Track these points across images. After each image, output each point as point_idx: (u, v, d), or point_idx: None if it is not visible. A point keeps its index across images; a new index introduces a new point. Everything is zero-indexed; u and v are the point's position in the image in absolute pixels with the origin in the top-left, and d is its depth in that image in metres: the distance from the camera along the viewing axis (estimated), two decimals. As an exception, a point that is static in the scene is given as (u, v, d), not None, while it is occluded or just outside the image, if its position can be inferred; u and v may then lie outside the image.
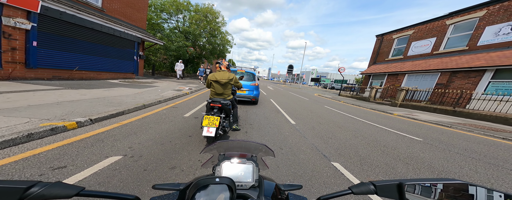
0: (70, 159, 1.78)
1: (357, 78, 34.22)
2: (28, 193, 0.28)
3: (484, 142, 4.00)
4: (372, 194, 0.41)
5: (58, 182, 0.32)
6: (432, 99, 9.67)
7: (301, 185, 0.58)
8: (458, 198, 0.37)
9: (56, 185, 0.31)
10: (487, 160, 2.91)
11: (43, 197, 0.29)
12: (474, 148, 3.52)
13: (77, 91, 4.66)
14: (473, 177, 2.31)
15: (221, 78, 2.63)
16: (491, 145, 3.83)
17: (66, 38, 6.27)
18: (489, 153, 3.25)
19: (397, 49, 13.97)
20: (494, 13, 8.60)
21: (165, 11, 15.73)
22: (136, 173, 1.67)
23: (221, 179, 0.36)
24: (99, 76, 7.84)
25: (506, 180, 2.26)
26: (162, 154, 2.09)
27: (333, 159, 2.44)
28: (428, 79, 10.57)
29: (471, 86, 8.56)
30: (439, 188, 0.39)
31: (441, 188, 0.38)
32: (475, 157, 2.99)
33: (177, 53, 15.38)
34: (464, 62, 8.92)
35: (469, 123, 6.15)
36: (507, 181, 2.25)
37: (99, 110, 3.26)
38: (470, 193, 0.36)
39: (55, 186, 0.31)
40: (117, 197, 0.35)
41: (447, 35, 10.54)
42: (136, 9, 9.86)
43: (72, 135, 2.30)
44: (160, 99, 5.00)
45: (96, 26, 7.12)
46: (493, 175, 2.39)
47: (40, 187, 0.29)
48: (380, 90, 12.78)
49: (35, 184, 0.29)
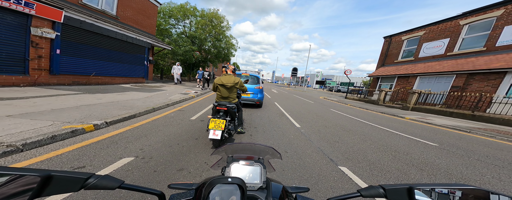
0: (88, 160, 1.91)
1: (364, 81, 33.22)
2: (87, 182, 0.34)
3: (508, 149, 3.72)
4: (382, 197, 0.40)
5: (106, 175, 0.38)
6: (448, 102, 9.17)
7: (308, 188, 0.60)
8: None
9: (105, 177, 0.37)
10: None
11: (96, 187, 0.35)
12: (497, 154, 3.29)
13: (93, 96, 4.97)
14: (496, 185, 2.16)
15: (227, 82, 2.70)
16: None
17: (84, 46, 6.77)
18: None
19: (407, 50, 13.51)
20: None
21: (173, 17, 16.47)
22: (147, 174, 1.75)
23: (233, 179, 0.38)
24: (113, 81, 8.31)
25: None
26: (171, 156, 2.17)
27: (340, 163, 2.40)
28: (442, 82, 10.06)
29: (491, 88, 8.03)
30: (456, 196, 0.36)
31: (459, 196, 0.36)
32: (498, 165, 2.79)
33: (184, 57, 15.91)
34: (482, 63, 8.43)
35: (491, 128, 5.74)
36: None
37: (114, 113, 3.46)
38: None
39: (104, 178, 0.37)
40: (147, 191, 0.41)
41: (461, 36, 10.07)
42: (146, 15, 10.44)
43: (89, 137, 2.47)
44: (168, 102, 5.19)
45: (111, 33, 7.62)
46: None
47: (95, 178, 0.36)
48: (390, 93, 12.33)
49: (91, 175, 0.35)
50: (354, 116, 6.67)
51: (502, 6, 8.50)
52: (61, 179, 0.32)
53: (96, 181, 0.35)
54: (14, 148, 1.83)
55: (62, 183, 0.32)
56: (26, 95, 4.04)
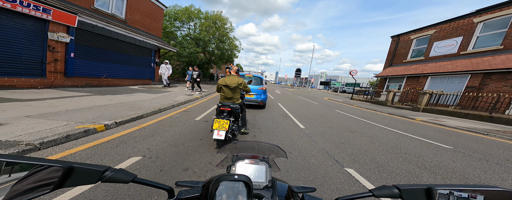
0: (99, 159, 1.98)
1: (371, 81, 32.30)
2: (104, 175, 0.36)
3: None
4: (396, 198, 0.38)
5: (121, 169, 0.39)
6: (462, 103, 8.73)
7: (314, 188, 0.59)
8: None
9: (119, 171, 0.38)
10: None
11: (112, 180, 0.37)
12: None
13: (104, 97, 5.18)
14: None
15: (231, 83, 2.73)
16: None
17: (96, 49, 7.08)
18: None
19: (416, 50, 13.06)
20: (533, 7, 7.68)
21: (178, 19, 16.90)
22: (154, 173, 1.80)
23: (239, 176, 0.38)
24: (122, 83, 8.62)
25: None
26: (176, 156, 2.22)
27: (346, 165, 2.34)
28: (456, 82, 9.62)
29: (510, 89, 7.58)
30: (480, 198, 0.33)
31: (484, 198, 0.33)
32: None
33: (189, 59, 16.23)
34: (499, 62, 7.99)
35: (511, 131, 5.40)
36: None
37: (123, 114, 3.58)
38: None
39: (119, 171, 0.38)
40: (157, 186, 0.42)
41: (475, 34, 9.61)
42: (153, 19, 10.77)
43: (100, 137, 2.57)
44: (173, 103, 5.31)
45: (121, 37, 7.93)
46: None
47: (111, 171, 0.37)
48: (398, 93, 11.92)
49: (108, 168, 0.37)
50: (361, 117, 6.50)
51: (520, 2, 8.05)
52: (82, 171, 0.34)
53: (112, 174, 0.37)
54: (32, 146, 1.94)
55: (82, 175, 0.34)
56: (43, 97, 4.28)
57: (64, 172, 0.32)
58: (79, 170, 0.34)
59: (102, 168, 0.36)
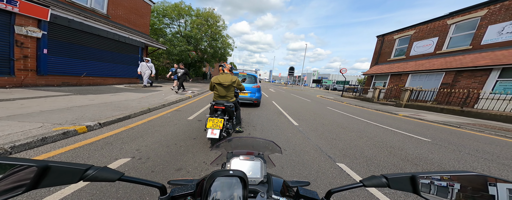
0: (81, 161, 1.84)
1: (359, 79, 33.91)
2: (86, 174, 0.34)
3: (496, 143, 3.90)
4: (385, 186, 0.41)
5: (105, 167, 0.37)
6: (438, 99, 9.51)
7: (308, 182, 0.61)
8: (476, 193, 0.34)
9: (104, 169, 0.36)
10: (500, 161, 2.84)
11: (96, 179, 0.34)
12: (486, 148, 3.44)
13: (85, 97, 4.81)
14: None
15: (224, 81, 2.68)
16: (504, 145, 3.73)
17: (74, 45, 6.52)
18: (502, 154, 3.16)
19: (399, 49, 13.91)
20: (495, 12, 8.54)
21: (167, 16, 16.18)
22: (144, 175, 1.71)
23: (234, 171, 0.38)
24: (105, 82, 8.06)
25: None
26: (168, 156, 2.13)
27: (338, 160, 2.43)
28: (432, 79, 10.43)
29: (478, 85, 8.40)
30: (458, 183, 0.37)
31: (460, 183, 0.36)
32: (487, 158, 2.91)
33: (180, 57, 15.67)
34: (468, 61, 8.81)
35: (479, 123, 6.01)
36: None
37: (107, 114, 3.35)
38: (490, 190, 0.33)
39: (104, 170, 0.36)
40: (148, 183, 0.40)
41: (449, 35, 10.47)
42: (139, 15, 10.19)
43: (82, 139, 2.38)
44: (164, 103, 5.09)
45: (102, 33, 7.38)
46: (509, 176, 2.34)
47: (94, 170, 0.34)
48: (383, 90, 12.65)
49: (90, 167, 0.35)
50: (350, 114, 6.79)
51: (485, 7, 8.91)
52: (59, 170, 0.31)
53: (95, 172, 0.34)
54: (2, 151, 1.74)
55: (60, 174, 0.32)
56: (13, 97, 3.85)
57: (38, 172, 0.30)
58: (56, 169, 0.31)
59: (84, 166, 0.34)
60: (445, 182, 0.37)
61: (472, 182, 0.35)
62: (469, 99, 8.15)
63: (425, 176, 0.39)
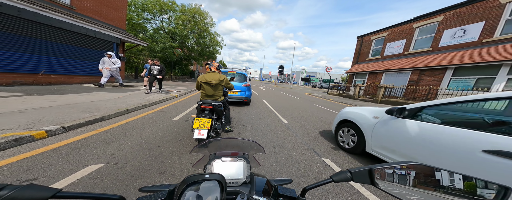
0: (41, 171, 1.57)
1: (343, 77, 36.24)
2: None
3: None
4: (349, 180, 0.44)
5: (30, 184, 0.29)
6: (406, 95, 10.67)
7: (291, 180, 0.61)
8: (426, 182, 0.40)
9: (28, 187, 0.29)
10: None
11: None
12: None
13: (45, 97, 4.16)
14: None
15: (212, 80, 2.57)
16: None
17: (28, 39, 5.57)
18: None
19: (375, 49, 15.16)
20: (450, 18, 9.88)
21: (148, 10, 14.97)
22: (122, 180, 1.54)
23: (211, 175, 0.36)
24: (71, 80, 7.11)
25: None
26: (150, 160, 1.96)
27: (323, 155, 2.52)
28: (402, 77, 11.65)
29: (436, 82, 9.65)
30: (408, 172, 0.42)
31: (410, 173, 0.42)
32: None
33: (163, 54, 14.70)
34: (429, 61, 10.05)
35: (437, 115, 6.89)
36: None
37: (73, 117, 2.94)
38: (437, 178, 0.39)
39: (28, 188, 0.28)
40: (99, 197, 0.33)
41: (414, 37, 11.78)
42: (113, 8, 9.20)
43: (41, 145, 2.04)
44: (145, 103, 4.70)
45: (65, 25, 6.46)
46: None
47: (9, 190, 0.27)
48: (363, 88, 13.68)
49: (4, 187, 0.27)
50: (335, 110, 7.18)
51: (442, 13, 10.24)
52: None
53: (12, 193, 0.27)
54: None
55: None
56: None
57: None
58: None
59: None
60: (398, 172, 0.42)
61: (423, 170, 0.41)
62: (430, 95, 9.32)
63: (379, 168, 0.43)
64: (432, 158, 1.70)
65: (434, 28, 10.64)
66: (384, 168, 0.43)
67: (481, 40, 8.58)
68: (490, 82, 7.86)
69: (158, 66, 6.62)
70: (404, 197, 0.39)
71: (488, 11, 8.39)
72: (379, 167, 0.43)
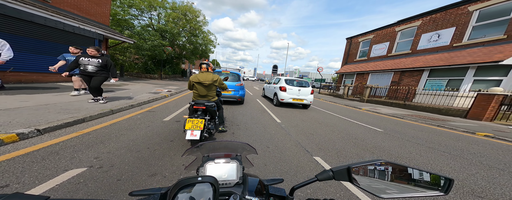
0: (13, 177, 1.41)
1: (333, 77, 37.59)
2: None
3: (425, 130, 4.89)
4: (331, 179, 0.47)
5: (16, 193, 0.28)
6: (389, 94, 11.38)
7: (282, 179, 0.63)
8: (397, 175, 0.44)
9: (13, 196, 0.27)
10: (427, 144, 3.53)
11: None
12: (418, 135, 4.26)
13: (14, 97, 3.75)
14: (418, 160, 2.73)
15: (205, 80, 2.52)
16: (430, 132, 4.71)
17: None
18: (429, 139, 3.97)
19: (362, 51, 15.94)
20: (426, 23, 10.75)
21: (135, 6, 14.16)
22: (108, 184, 1.45)
23: (203, 177, 0.36)
24: (46, 79, 6.50)
25: (440, 160, 2.77)
26: (139, 162, 1.87)
27: (314, 154, 2.59)
28: (385, 78, 12.41)
29: (415, 83, 10.44)
30: (379, 169, 0.45)
31: (381, 168, 0.45)
32: (419, 143, 3.59)
33: (152, 52, 14.04)
34: (409, 63, 10.83)
35: (415, 115, 7.46)
36: (441, 161, 2.76)
37: (49, 118, 2.70)
38: (409, 170, 0.44)
39: (13, 197, 0.27)
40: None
41: (396, 40, 12.62)
42: (94, 2, 8.57)
43: (12, 150, 1.84)
44: (132, 103, 4.45)
45: (38, 19, 5.89)
46: (431, 157, 2.88)
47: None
48: (351, 87, 14.32)
49: None
50: (326, 109, 7.42)
51: (420, 18, 11.10)
52: None
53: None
54: None
55: None
56: None
57: None
58: None
59: None
60: (372, 169, 0.46)
61: (394, 169, 0.45)
62: (410, 95, 10.06)
63: (356, 165, 0.46)
64: (271, 93, 7.96)
65: (413, 32, 11.49)
66: (359, 165, 0.46)
67: (452, 44, 9.45)
68: (459, 83, 8.70)
69: (96, 59, 3.75)
70: (382, 191, 0.43)
71: (458, 17, 9.27)
72: (355, 165, 0.46)
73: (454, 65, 8.44)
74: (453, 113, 7.56)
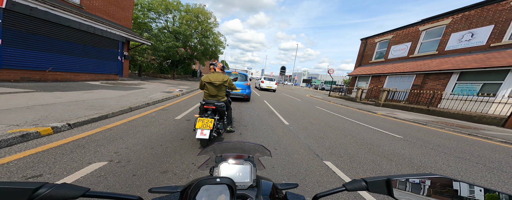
0: (46, 167, 1.60)
1: (345, 80, 36.03)
2: (36, 194, 0.29)
3: (454, 138, 4.43)
4: (364, 190, 0.43)
5: (63, 183, 0.33)
6: (410, 99, 10.52)
7: (297, 184, 0.61)
8: (443, 193, 0.39)
9: (62, 186, 0.32)
10: (456, 154, 3.21)
11: (51, 198, 0.30)
12: (445, 143, 3.87)
13: (51, 94, 4.24)
14: (446, 170, 2.51)
15: (216, 80, 2.59)
16: (459, 140, 4.25)
17: (37, 36, 5.70)
18: (458, 148, 3.59)
19: (379, 52, 15.00)
20: (457, 21, 9.72)
21: (153, 10, 15.18)
22: (125, 179, 1.56)
23: (222, 179, 0.36)
24: (77, 78, 7.24)
25: (473, 172, 2.51)
26: (153, 158, 1.98)
27: (325, 158, 2.51)
28: (405, 81, 11.50)
29: (441, 87, 9.49)
30: (426, 184, 0.41)
31: (429, 184, 0.41)
32: (447, 152, 3.27)
33: (167, 53, 14.90)
34: (434, 65, 9.89)
35: (441, 121, 6.79)
36: (474, 172, 2.49)
37: (78, 114, 3.00)
38: (454, 188, 0.38)
39: (62, 187, 0.31)
40: (121, 197, 0.35)
41: (420, 40, 11.62)
42: (120, 7, 9.36)
43: (47, 142, 2.08)
44: (148, 101, 4.75)
45: (74, 24, 6.60)
46: (462, 168, 2.63)
47: (48, 188, 0.30)
48: (365, 91, 13.55)
49: (43, 185, 0.30)
50: (336, 113, 7.14)
51: (450, 16, 10.07)
52: None
53: (49, 191, 0.30)
54: None
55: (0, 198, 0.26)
56: (-47, 94, 3.22)
57: None
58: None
59: (34, 185, 0.29)
60: (416, 185, 0.42)
61: (439, 184, 0.40)
62: (434, 99, 9.18)
63: (398, 179, 0.42)
64: (258, 84, 15.96)
65: (441, 31, 10.47)
66: (403, 179, 0.42)
67: (489, 44, 8.41)
68: (496, 87, 7.70)
69: None
70: None
71: (498, 14, 8.22)
72: (397, 178, 0.42)
73: (491, 68, 7.50)
74: (487, 121, 6.73)
